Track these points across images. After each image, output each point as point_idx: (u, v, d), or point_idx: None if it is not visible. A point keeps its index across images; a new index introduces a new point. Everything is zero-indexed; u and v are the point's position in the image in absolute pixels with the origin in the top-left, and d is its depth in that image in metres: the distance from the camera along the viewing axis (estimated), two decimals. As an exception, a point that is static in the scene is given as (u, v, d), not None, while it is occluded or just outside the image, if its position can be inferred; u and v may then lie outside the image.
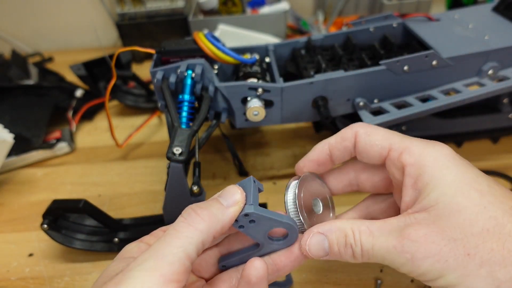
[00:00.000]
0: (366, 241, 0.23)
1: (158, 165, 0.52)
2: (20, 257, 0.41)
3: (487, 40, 0.41)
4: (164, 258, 0.20)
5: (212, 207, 0.23)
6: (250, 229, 0.24)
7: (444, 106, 0.39)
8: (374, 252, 0.23)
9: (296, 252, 0.26)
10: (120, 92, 0.61)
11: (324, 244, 0.25)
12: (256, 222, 0.24)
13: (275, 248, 0.26)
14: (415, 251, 0.21)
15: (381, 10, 0.71)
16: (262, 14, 0.66)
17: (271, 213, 0.24)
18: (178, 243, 0.21)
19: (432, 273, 0.21)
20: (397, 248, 0.22)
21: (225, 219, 0.23)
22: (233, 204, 0.23)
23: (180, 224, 0.22)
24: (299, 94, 0.40)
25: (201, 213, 0.23)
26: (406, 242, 0.21)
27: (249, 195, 0.24)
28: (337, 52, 0.44)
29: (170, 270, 0.20)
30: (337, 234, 0.24)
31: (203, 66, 0.38)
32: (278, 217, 0.24)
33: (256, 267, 0.23)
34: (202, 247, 0.22)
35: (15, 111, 0.56)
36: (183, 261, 0.21)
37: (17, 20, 0.81)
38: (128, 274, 0.20)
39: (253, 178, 0.25)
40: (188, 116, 0.37)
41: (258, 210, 0.23)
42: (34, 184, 0.50)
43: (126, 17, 0.73)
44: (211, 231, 0.22)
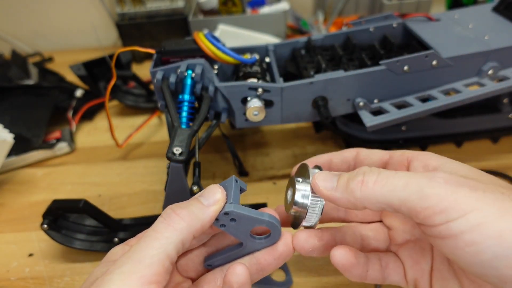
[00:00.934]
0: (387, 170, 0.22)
1: (158, 165, 0.52)
2: (20, 257, 0.41)
3: (487, 40, 0.41)
4: (143, 260, 0.20)
5: (192, 206, 0.23)
6: (232, 228, 0.24)
7: (444, 106, 0.39)
8: (396, 176, 0.21)
9: (280, 249, 0.25)
10: (120, 92, 0.61)
11: (333, 177, 0.24)
12: (237, 221, 0.24)
13: (259, 246, 0.26)
14: (447, 178, 0.20)
15: (381, 10, 0.71)
16: (262, 14, 0.66)
17: (251, 211, 0.24)
18: (157, 244, 0.21)
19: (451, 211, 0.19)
20: (428, 175, 0.21)
21: (205, 218, 0.23)
22: (214, 203, 0.23)
23: (159, 225, 0.22)
24: (299, 94, 0.40)
25: (180, 212, 0.22)
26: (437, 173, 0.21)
27: (230, 194, 0.24)
28: (337, 52, 0.44)
29: (149, 271, 0.20)
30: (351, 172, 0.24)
31: (203, 66, 0.38)
32: (258, 215, 0.24)
33: (237, 274, 0.23)
34: (182, 247, 0.22)
35: (15, 111, 0.56)
36: (162, 262, 0.21)
37: (17, 20, 0.81)
38: (106, 278, 0.20)
39: (235, 178, 0.25)
40: (188, 116, 0.37)
41: (238, 208, 0.23)
42: (34, 184, 0.50)
43: (126, 17, 0.73)
44: (191, 230, 0.22)
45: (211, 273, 0.27)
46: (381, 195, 0.21)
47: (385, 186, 0.21)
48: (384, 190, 0.21)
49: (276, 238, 0.25)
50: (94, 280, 0.21)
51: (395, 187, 0.21)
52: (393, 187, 0.21)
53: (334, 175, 0.24)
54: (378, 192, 0.21)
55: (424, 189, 0.20)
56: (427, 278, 0.26)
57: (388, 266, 0.27)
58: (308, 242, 0.26)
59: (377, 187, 0.21)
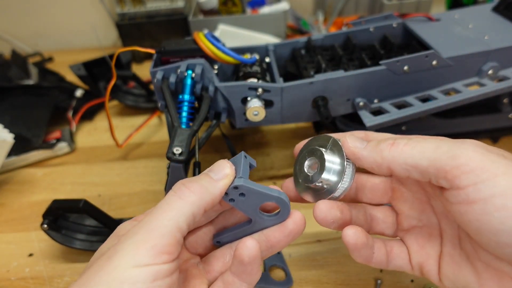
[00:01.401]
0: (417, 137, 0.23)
1: (158, 165, 0.52)
2: (20, 257, 0.41)
3: (487, 40, 0.41)
4: (155, 230, 0.20)
5: (202, 180, 0.23)
6: (241, 203, 0.24)
7: (444, 106, 0.39)
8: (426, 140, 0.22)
9: (289, 226, 0.25)
10: (120, 92, 0.61)
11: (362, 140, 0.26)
12: (246, 196, 0.24)
13: (268, 223, 0.25)
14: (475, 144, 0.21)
15: (381, 10, 0.71)
16: (262, 14, 0.66)
17: (261, 186, 0.24)
18: (169, 216, 0.21)
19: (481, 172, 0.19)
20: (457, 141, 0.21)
21: (215, 192, 0.23)
22: (223, 177, 0.23)
23: (171, 198, 0.22)
24: (299, 94, 0.40)
25: (191, 186, 0.23)
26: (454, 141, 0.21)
27: (239, 169, 0.24)
28: (337, 52, 0.44)
29: (161, 242, 0.20)
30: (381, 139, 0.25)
31: (203, 66, 0.38)
32: (267, 190, 0.24)
33: (248, 247, 0.23)
34: (193, 220, 0.22)
35: (15, 111, 0.56)
36: (174, 233, 0.21)
37: (17, 20, 0.81)
38: (118, 247, 0.20)
39: (244, 154, 0.25)
40: (188, 116, 0.37)
41: (247, 183, 0.23)
42: (34, 184, 0.50)
43: (126, 17, 0.73)
44: (202, 204, 0.22)
45: (220, 249, 0.27)
46: (410, 155, 0.22)
47: (416, 148, 0.22)
48: (414, 151, 0.22)
49: (285, 216, 0.25)
50: (105, 251, 0.21)
51: (425, 148, 0.22)
52: (424, 148, 0.22)
53: (364, 140, 0.26)
54: (407, 153, 0.22)
55: (454, 149, 0.21)
56: (434, 262, 0.26)
57: (393, 250, 0.28)
58: (331, 213, 0.26)
59: (407, 148, 0.22)
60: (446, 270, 0.25)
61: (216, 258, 0.27)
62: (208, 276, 0.26)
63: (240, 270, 0.24)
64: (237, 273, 0.24)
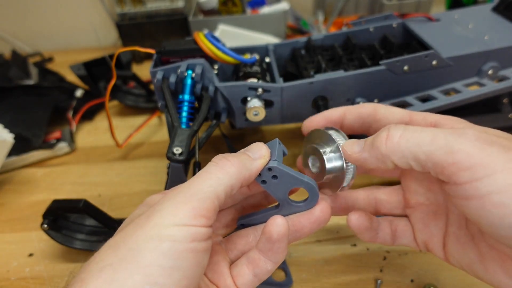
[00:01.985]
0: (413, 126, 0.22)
1: (158, 165, 0.52)
2: (20, 257, 0.41)
3: (487, 40, 0.41)
4: (196, 194, 0.21)
5: (241, 156, 0.24)
6: (272, 186, 0.25)
7: (444, 106, 0.39)
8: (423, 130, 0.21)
9: (316, 213, 0.25)
10: (120, 92, 0.61)
11: (360, 142, 0.25)
12: (278, 178, 0.24)
13: (295, 209, 0.26)
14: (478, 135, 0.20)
15: (381, 10, 0.71)
16: (262, 14, 0.66)
17: (293, 171, 0.24)
18: (209, 183, 0.22)
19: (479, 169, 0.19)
20: (457, 131, 0.20)
21: (253, 168, 0.24)
22: (259, 157, 0.24)
23: (212, 168, 0.23)
24: (299, 94, 0.40)
25: (231, 159, 0.23)
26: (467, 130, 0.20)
27: (273, 153, 0.25)
28: (337, 52, 0.44)
29: (201, 205, 0.21)
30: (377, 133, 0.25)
31: (203, 66, 0.38)
32: (300, 175, 0.24)
33: (278, 224, 0.23)
34: (230, 191, 0.23)
35: (15, 111, 0.56)
36: (213, 199, 0.21)
37: (17, 20, 0.81)
38: (158, 207, 0.21)
39: (278, 140, 0.26)
40: (188, 116, 0.37)
41: (282, 166, 0.24)
42: (34, 184, 0.50)
43: (126, 17, 0.73)
44: (240, 177, 0.23)
45: (244, 230, 0.28)
46: (406, 148, 0.21)
47: (411, 140, 0.21)
48: (410, 144, 0.21)
49: (313, 203, 0.26)
50: (135, 217, 0.22)
51: (421, 141, 0.21)
52: (420, 141, 0.21)
53: (360, 140, 0.25)
54: (403, 146, 0.21)
55: (451, 143, 0.20)
56: (439, 241, 0.26)
57: (397, 229, 0.28)
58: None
59: (403, 140, 0.21)
60: (451, 248, 0.25)
61: (239, 237, 0.27)
62: (229, 254, 0.27)
63: (267, 247, 0.24)
64: (263, 250, 0.24)
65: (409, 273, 0.36)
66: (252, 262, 0.25)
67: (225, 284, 0.25)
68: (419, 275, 0.36)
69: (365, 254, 0.38)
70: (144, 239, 0.20)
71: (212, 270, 0.26)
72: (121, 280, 0.18)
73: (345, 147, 0.26)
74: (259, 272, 0.25)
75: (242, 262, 0.26)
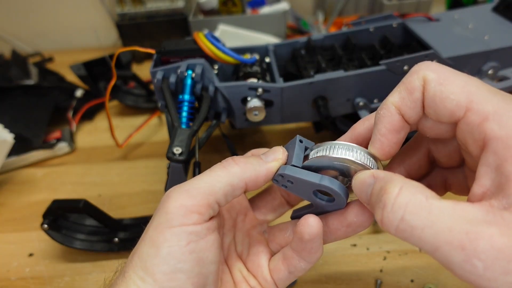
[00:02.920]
0: (417, 209, 0.16)
1: (158, 165, 0.52)
2: (20, 257, 0.41)
3: (487, 40, 0.41)
4: (188, 191, 0.22)
5: (251, 159, 0.24)
6: (293, 189, 0.24)
7: (444, 106, 0.39)
8: (424, 233, 0.16)
9: (350, 218, 0.23)
10: (120, 92, 0.61)
11: (368, 187, 0.20)
12: (294, 183, 0.24)
13: (328, 208, 0.24)
14: (491, 263, 0.15)
15: (381, 10, 0.71)
16: (262, 14, 0.66)
17: (309, 174, 0.23)
18: (205, 179, 0.22)
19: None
20: (466, 249, 0.15)
21: (261, 170, 0.23)
22: (272, 160, 0.24)
23: (215, 166, 0.24)
24: (299, 94, 0.40)
25: (237, 160, 0.24)
26: (482, 243, 0.15)
27: (291, 154, 0.24)
28: (337, 52, 0.44)
29: (192, 202, 0.21)
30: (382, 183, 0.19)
31: (203, 66, 0.38)
32: (314, 179, 0.22)
33: (309, 224, 0.23)
34: (231, 190, 0.23)
35: (15, 111, 0.56)
36: (206, 195, 0.22)
37: (17, 20, 0.81)
38: (159, 207, 0.22)
39: (299, 138, 0.25)
40: (188, 116, 0.37)
41: (291, 171, 0.23)
42: (34, 184, 0.50)
43: (126, 17, 0.73)
44: (244, 176, 0.23)
45: (284, 223, 0.28)
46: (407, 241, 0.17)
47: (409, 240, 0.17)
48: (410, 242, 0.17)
49: (342, 203, 0.23)
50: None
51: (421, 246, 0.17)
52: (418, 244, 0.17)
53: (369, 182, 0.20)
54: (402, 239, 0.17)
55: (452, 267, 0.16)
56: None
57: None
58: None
59: (401, 236, 0.17)
60: None
61: (279, 230, 0.28)
62: (271, 246, 0.28)
63: (300, 247, 0.24)
64: (297, 250, 0.24)
65: (409, 273, 0.36)
66: (287, 260, 0.25)
67: (262, 276, 0.26)
68: (419, 275, 0.36)
69: (365, 254, 0.38)
70: (147, 245, 0.21)
71: (251, 261, 0.27)
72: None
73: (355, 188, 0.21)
74: (294, 270, 0.25)
75: (278, 257, 0.26)
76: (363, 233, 0.40)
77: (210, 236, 0.22)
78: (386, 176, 0.19)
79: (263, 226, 0.29)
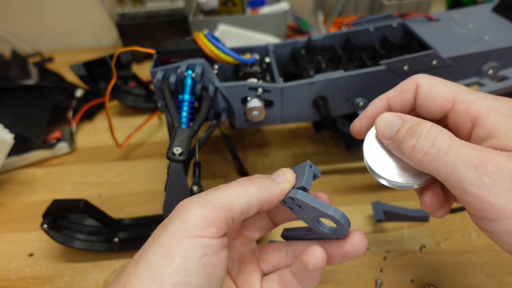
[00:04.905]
0: (442, 140, 0.21)
1: (158, 165, 0.52)
2: (20, 257, 0.41)
3: (487, 40, 0.41)
4: (208, 202, 0.22)
5: (264, 179, 0.24)
6: (299, 213, 0.25)
7: (444, 106, 0.39)
8: (447, 156, 0.20)
9: (345, 248, 0.25)
10: (120, 92, 0.61)
11: (394, 125, 0.24)
12: (302, 208, 0.24)
13: (327, 236, 0.25)
14: (498, 180, 0.19)
15: (381, 10, 0.71)
16: (262, 14, 0.66)
17: (317, 202, 0.24)
18: (224, 195, 0.22)
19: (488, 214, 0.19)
20: (478, 168, 0.19)
21: (275, 191, 0.24)
22: (283, 181, 0.24)
23: (233, 184, 0.24)
24: (299, 94, 0.40)
25: (253, 179, 0.24)
26: (490, 166, 0.19)
27: (301, 178, 0.25)
28: (337, 52, 0.44)
29: (212, 214, 0.21)
30: (413, 121, 0.23)
31: (203, 66, 0.38)
32: (323, 207, 0.23)
33: (316, 256, 0.23)
34: (248, 208, 0.23)
35: (15, 111, 0.56)
36: (225, 210, 0.22)
37: (17, 20, 0.81)
38: (173, 214, 0.22)
39: (309, 163, 0.25)
40: (188, 116, 0.37)
41: (303, 196, 0.24)
42: (34, 184, 0.50)
43: (126, 17, 0.73)
44: (259, 197, 0.23)
45: (277, 244, 0.28)
46: (427, 167, 0.21)
47: (432, 163, 0.21)
48: (431, 166, 0.21)
49: (343, 233, 0.25)
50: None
51: (441, 169, 0.21)
52: (440, 168, 0.21)
53: (397, 121, 0.24)
54: (424, 164, 0.21)
55: (465, 183, 0.20)
56: None
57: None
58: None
59: (425, 160, 0.21)
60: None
61: (272, 250, 0.28)
62: (262, 265, 0.27)
63: (301, 274, 0.24)
64: (298, 276, 0.25)
65: (409, 273, 0.36)
66: (284, 283, 0.25)
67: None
68: (419, 275, 0.36)
69: (365, 254, 0.38)
70: (158, 252, 0.20)
71: (243, 278, 0.26)
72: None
73: (379, 124, 0.24)
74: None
75: (273, 279, 0.26)
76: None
77: (222, 252, 0.22)
78: (414, 118, 0.23)
79: (252, 244, 0.28)
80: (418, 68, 0.40)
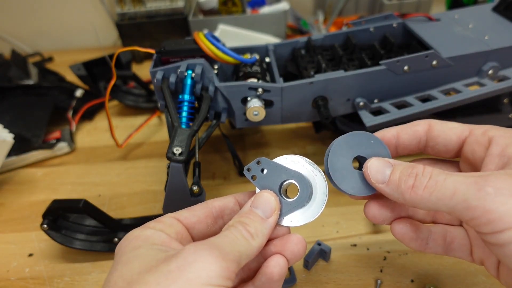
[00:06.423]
0: (438, 174, 0.21)
1: (158, 165, 0.52)
2: (20, 257, 0.41)
3: (487, 40, 0.41)
4: (228, 254, 0.21)
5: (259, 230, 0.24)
6: (260, 181, 0.26)
7: (444, 106, 0.39)
8: (445, 183, 0.21)
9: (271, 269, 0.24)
10: (120, 92, 0.61)
11: (386, 170, 0.24)
12: (267, 172, 0.26)
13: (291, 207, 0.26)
14: (500, 188, 0.19)
15: (381, 10, 0.71)
16: (262, 14, 0.66)
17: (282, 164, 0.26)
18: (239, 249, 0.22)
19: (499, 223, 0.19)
20: (478, 183, 0.20)
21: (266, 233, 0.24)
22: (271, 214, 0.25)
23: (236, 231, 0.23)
24: (299, 94, 0.40)
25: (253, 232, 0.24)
26: (491, 178, 0.20)
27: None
28: (337, 52, 0.44)
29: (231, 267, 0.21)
30: (405, 164, 0.24)
31: (203, 66, 0.38)
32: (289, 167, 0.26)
33: (280, 265, 0.24)
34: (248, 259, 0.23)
35: (15, 111, 0.56)
36: (238, 265, 0.21)
37: (17, 20, 0.81)
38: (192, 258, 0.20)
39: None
40: (188, 116, 0.37)
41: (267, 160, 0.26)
42: (34, 184, 0.50)
43: (126, 17, 0.73)
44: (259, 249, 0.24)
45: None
46: (429, 202, 0.22)
47: (433, 194, 0.21)
48: (433, 198, 0.21)
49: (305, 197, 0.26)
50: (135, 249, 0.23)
51: (442, 195, 0.21)
52: (441, 195, 0.21)
53: (387, 166, 0.24)
54: (426, 200, 0.22)
55: (469, 200, 0.20)
56: (494, 261, 0.26)
57: (454, 242, 0.27)
58: (381, 214, 0.26)
59: (426, 194, 0.22)
60: (502, 273, 0.25)
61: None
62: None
63: (266, 286, 0.24)
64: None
65: (409, 273, 0.36)
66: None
67: None
68: (419, 275, 0.36)
69: (365, 254, 0.38)
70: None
71: None
72: None
73: (370, 170, 0.24)
74: None
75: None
76: (363, 233, 0.40)
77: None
78: (402, 162, 0.24)
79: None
80: (418, 68, 0.40)
